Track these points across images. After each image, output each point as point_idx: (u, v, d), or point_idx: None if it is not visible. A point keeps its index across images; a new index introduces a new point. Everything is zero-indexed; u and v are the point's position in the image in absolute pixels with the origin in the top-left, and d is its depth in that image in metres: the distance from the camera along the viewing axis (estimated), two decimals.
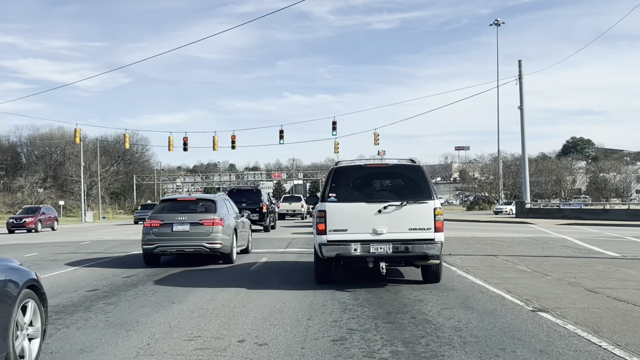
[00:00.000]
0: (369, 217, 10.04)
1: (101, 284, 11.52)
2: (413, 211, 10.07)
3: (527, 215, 47.93)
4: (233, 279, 11.86)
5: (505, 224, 39.87)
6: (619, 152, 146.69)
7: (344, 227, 10.10)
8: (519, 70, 49.23)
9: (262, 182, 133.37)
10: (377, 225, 10.01)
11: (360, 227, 10.05)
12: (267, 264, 14.74)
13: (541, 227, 32.81)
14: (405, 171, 10.81)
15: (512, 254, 16.27)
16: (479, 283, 10.85)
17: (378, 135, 53.21)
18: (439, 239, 10.02)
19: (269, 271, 13.32)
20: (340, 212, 10.16)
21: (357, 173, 11.04)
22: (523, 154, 49.96)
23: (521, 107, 48.93)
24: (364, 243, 9.97)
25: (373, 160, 12.09)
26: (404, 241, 9.92)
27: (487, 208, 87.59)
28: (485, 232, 28.21)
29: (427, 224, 10.02)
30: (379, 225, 10.01)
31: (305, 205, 49.72)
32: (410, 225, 10.03)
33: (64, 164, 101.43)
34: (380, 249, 9.93)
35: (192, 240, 14.43)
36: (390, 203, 10.09)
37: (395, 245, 9.90)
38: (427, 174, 10.77)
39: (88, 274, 13.31)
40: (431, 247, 9.93)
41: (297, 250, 18.09)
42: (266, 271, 13.31)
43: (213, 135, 45.93)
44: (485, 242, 20.97)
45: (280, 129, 45.86)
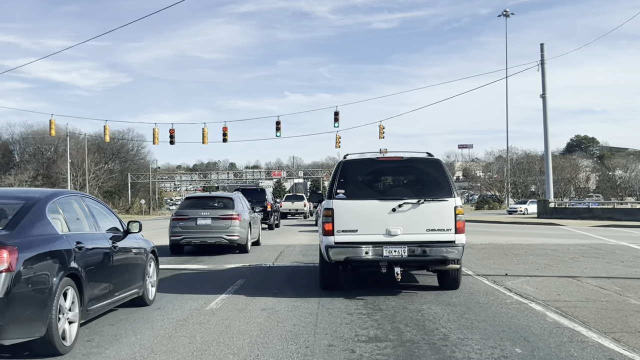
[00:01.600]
0: (382, 216, 9.20)
1: None
2: (431, 210, 9.23)
3: (551, 215, 43.55)
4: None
5: (531, 225, 35.56)
6: (624, 150, 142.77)
7: (353, 227, 9.24)
8: (541, 54, 44.63)
9: (262, 181, 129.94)
10: (390, 225, 9.19)
11: (372, 227, 9.20)
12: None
13: (577, 230, 28.62)
14: (423, 165, 9.84)
15: (593, 274, 11.81)
16: (618, 350, 6.27)
17: (383, 127, 49.06)
18: (460, 241, 9.18)
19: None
20: (349, 211, 9.28)
21: (369, 167, 10.06)
22: (546, 147, 45.49)
23: (544, 95, 44.39)
24: (376, 245, 9.14)
25: (386, 153, 10.51)
26: (421, 243, 9.11)
27: (497, 207, 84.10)
28: (517, 236, 23.87)
29: (447, 225, 9.17)
30: (393, 225, 9.18)
31: (307, 204, 49.82)
32: (428, 225, 9.18)
33: (56, 162, 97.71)
34: (395, 252, 9.09)
35: (213, 233, 16.52)
36: (406, 201, 9.23)
37: (411, 248, 9.09)
38: (447, 168, 9.87)
39: None
40: (451, 251, 9.06)
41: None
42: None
43: (202, 127, 41.55)
44: (535, 251, 16.59)
45: (276, 120, 41.50)
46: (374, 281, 10.71)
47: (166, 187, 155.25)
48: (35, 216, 6.40)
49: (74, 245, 6.61)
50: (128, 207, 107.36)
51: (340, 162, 9.94)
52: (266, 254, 16.53)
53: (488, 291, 9.60)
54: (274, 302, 8.85)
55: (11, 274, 5.52)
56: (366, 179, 9.96)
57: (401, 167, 10.04)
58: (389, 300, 8.95)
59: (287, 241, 21.20)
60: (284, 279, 11.52)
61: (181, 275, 12.38)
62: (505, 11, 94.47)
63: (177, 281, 11.39)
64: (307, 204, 50.49)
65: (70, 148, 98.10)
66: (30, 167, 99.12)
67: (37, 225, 6.30)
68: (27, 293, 5.70)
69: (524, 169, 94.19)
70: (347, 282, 10.45)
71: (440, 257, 9.05)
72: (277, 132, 42.76)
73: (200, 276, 12.23)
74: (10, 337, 5.59)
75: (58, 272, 6.10)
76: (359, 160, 10.09)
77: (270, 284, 10.80)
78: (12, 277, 5.52)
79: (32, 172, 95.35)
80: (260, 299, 9.13)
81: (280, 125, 42.89)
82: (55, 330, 5.92)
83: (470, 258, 14.65)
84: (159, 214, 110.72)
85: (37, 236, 6.19)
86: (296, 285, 10.60)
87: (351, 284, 10.48)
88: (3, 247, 5.56)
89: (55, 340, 5.94)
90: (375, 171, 10.10)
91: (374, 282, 10.68)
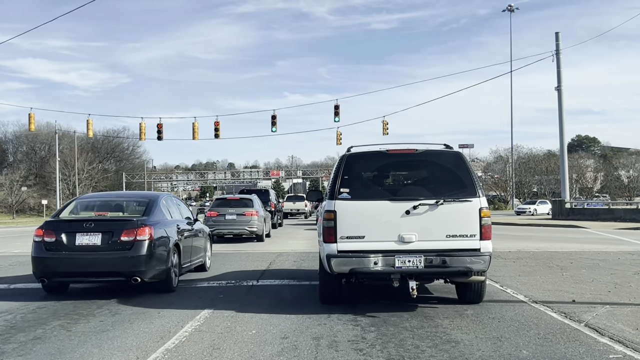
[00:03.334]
0: (394, 220, 7.72)
1: None
2: (452, 212, 7.71)
3: (567, 216, 40.52)
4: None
5: (551, 227, 32.48)
6: (626, 150, 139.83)
7: (360, 233, 7.75)
8: (556, 44, 41.60)
9: (260, 181, 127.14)
10: (404, 231, 7.70)
11: (382, 233, 7.71)
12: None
13: (605, 233, 25.70)
14: (441, 159, 8.30)
15: None
16: None
17: (387, 123, 46.17)
18: (487, 249, 7.65)
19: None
20: (355, 214, 7.79)
21: (377, 162, 8.40)
22: (561, 144, 42.40)
23: (559, 87, 41.31)
24: (387, 254, 7.61)
25: (397, 145, 8.67)
26: (441, 252, 7.58)
27: (503, 207, 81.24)
28: (544, 241, 20.84)
29: (472, 230, 7.66)
30: (406, 230, 7.70)
31: (308, 204, 50.26)
32: (449, 231, 7.69)
33: (49, 161, 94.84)
34: (409, 262, 7.56)
35: (238, 225, 21.26)
36: (422, 201, 7.73)
37: (428, 257, 7.55)
38: (469, 162, 8.30)
39: None
40: (477, 261, 7.51)
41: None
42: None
43: (193, 122, 38.43)
44: (582, 262, 13.53)
45: (272, 115, 38.43)
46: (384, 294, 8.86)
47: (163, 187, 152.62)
48: (156, 208, 10.36)
49: (175, 226, 10.68)
50: None
51: (344, 155, 8.37)
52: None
53: (566, 334, 6.55)
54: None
55: (151, 241, 9.45)
56: (374, 176, 8.46)
57: (415, 162, 8.47)
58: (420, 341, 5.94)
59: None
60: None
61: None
62: (510, 6, 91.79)
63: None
64: (307, 204, 51.02)
65: (63, 147, 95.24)
66: (22, 167, 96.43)
67: (158, 214, 10.30)
68: (157, 252, 9.60)
69: (530, 168, 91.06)
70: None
71: (464, 269, 7.57)
72: (272, 127, 39.74)
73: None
74: (150, 278, 9.48)
75: (171, 241, 10.11)
76: (365, 153, 8.49)
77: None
78: (151, 243, 9.44)
79: (24, 172, 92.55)
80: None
81: (275, 120, 39.86)
82: (170, 275, 9.91)
83: (509, 273, 11.60)
84: None
85: (160, 220, 10.18)
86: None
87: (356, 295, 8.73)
88: (146, 226, 9.48)
89: (170, 281, 9.95)
90: (385, 166, 8.47)
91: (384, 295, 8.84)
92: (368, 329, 6.85)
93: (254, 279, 11.28)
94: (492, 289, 9.70)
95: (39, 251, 9.48)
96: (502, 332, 6.59)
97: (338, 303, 8.41)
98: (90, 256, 9.26)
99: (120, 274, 9.32)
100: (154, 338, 6.59)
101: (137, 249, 9.27)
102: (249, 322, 7.31)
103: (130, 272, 9.26)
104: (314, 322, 7.25)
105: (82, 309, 8.38)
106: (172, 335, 6.68)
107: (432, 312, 7.74)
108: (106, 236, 9.31)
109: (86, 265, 9.26)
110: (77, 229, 9.39)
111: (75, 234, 9.33)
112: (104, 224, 9.58)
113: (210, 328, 7.04)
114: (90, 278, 9.66)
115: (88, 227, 9.40)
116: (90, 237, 9.31)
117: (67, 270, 9.33)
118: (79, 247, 9.28)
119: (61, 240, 9.33)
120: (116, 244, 9.29)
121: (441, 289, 9.58)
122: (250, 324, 7.20)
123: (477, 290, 8.27)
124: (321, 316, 7.57)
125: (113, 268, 9.28)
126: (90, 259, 9.25)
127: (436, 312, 7.72)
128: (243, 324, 7.19)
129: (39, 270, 9.46)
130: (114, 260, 9.26)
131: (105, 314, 7.98)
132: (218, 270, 12.67)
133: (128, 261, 9.22)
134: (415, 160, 8.43)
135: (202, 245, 12.28)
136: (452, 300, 8.65)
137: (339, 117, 41.06)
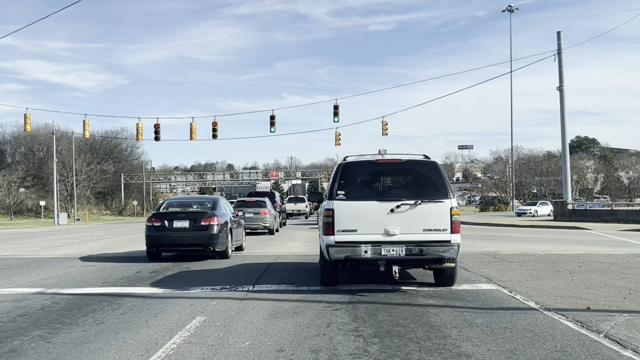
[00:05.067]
0: (381, 216, 9.34)
1: None
2: (428, 211, 9.37)
3: (570, 217, 40.09)
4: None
5: (553, 229, 31.99)
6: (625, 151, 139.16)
7: (353, 227, 9.39)
8: (557, 43, 41.05)
9: (259, 182, 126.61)
10: (389, 225, 9.32)
11: (371, 227, 9.34)
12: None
13: (610, 235, 25.27)
14: (420, 167, 9.95)
15: None
16: None
17: (386, 123, 45.75)
18: (456, 240, 9.33)
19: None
20: (349, 211, 9.44)
21: (368, 169, 10.20)
22: (563, 144, 41.86)
23: (561, 87, 40.81)
24: (375, 245, 9.26)
25: (385, 156, 10.57)
26: (418, 243, 9.25)
27: (503, 209, 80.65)
28: (548, 243, 20.38)
29: (443, 225, 9.31)
30: (391, 225, 9.32)
31: (308, 205, 53.62)
32: (425, 225, 9.33)
33: (47, 162, 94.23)
34: (393, 251, 9.20)
35: (255, 222, 26.48)
36: (404, 202, 9.38)
37: (408, 247, 9.21)
38: (443, 170, 9.96)
39: None
40: (448, 250, 9.23)
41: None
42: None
43: (190, 123, 37.89)
44: (590, 265, 13.04)
45: (271, 115, 37.92)
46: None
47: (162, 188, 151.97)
48: (219, 205, 15.91)
49: (229, 217, 16.01)
50: (121, 209, 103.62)
51: (340, 164, 9.98)
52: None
53: (586, 346, 6.03)
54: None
55: (218, 225, 14.91)
56: (365, 181, 10.03)
57: (399, 169, 10.15)
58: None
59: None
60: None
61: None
62: (510, 6, 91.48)
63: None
64: (308, 205, 53.83)
65: (62, 148, 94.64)
66: (20, 168, 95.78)
67: (220, 209, 15.69)
68: (221, 233, 15.02)
69: (530, 169, 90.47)
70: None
71: (437, 256, 9.21)
72: (271, 127, 39.27)
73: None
74: (218, 248, 14.87)
75: (227, 226, 15.48)
76: (358, 162, 10.17)
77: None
78: (217, 226, 14.89)
79: (22, 173, 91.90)
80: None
81: (274, 120, 39.39)
82: (228, 248, 15.34)
83: (517, 278, 11.10)
84: None
85: (222, 213, 15.57)
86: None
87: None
88: (215, 216, 15.01)
89: (228, 252, 15.34)
90: (374, 173, 10.22)
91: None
92: (371, 340, 6.34)
93: (250, 283, 10.77)
94: (501, 295, 9.21)
95: (151, 231, 15.03)
96: (516, 344, 6.09)
97: (337, 285, 10.02)
98: (182, 234, 14.95)
99: (200, 245, 14.85)
100: (139, 351, 6.08)
101: (210, 230, 14.88)
102: (243, 333, 6.80)
103: (207, 244, 14.83)
104: (313, 332, 6.75)
105: (66, 317, 7.87)
106: (159, 348, 6.17)
107: (439, 322, 7.23)
108: (192, 222, 14.98)
109: (179, 240, 15.01)
110: (174, 218, 15.10)
111: (173, 220, 15.01)
112: (190, 214, 15.41)
113: (201, 339, 6.53)
114: (182, 248, 15.35)
115: (180, 216, 15.15)
116: (182, 223, 14.98)
117: (168, 242, 15.07)
118: (175, 229, 14.93)
119: (164, 224, 14.98)
120: (198, 227, 14.90)
121: (420, 275, 11.50)
122: (244, 335, 6.69)
123: (449, 274, 9.92)
124: (320, 325, 7.07)
125: (196, 242, 14.88)
126: (182, 236, 14.97)
127: (443, 322, 7.22)
128: (236, 335, 6.68)
129: (150, 243, 15.02)
130: (197, 237, 14.86)
131: (90, 323, 7.46)
132: (215, 274, 12.17)
133: (205, 237, 14.83)
134: (399, 168, 10.09)
135: (242, 233, 18.00)
136: (430, 284, 10.37)
137: (338, 117, 40.64)
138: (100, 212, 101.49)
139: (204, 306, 8.49)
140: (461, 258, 14.73)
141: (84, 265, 14.44)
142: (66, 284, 11.03)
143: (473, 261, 14.11)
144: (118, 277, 12.00)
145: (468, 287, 9.94)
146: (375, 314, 7.75)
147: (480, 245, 18.99)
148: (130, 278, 11.80)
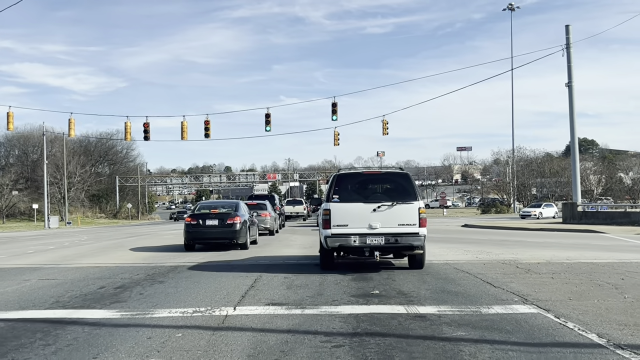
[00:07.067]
0: (366, 214, 11.98)
1: None
2: (402, 210, 12.05)
3: (580, 220, 38.19)
4: None
5: (567, 232, 30.06)
6: (625, 153, 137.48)
7: (345, 222, 12.02)
8: (566, 37, 39.16)
9: (256, 184, 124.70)
10: (372, 221, 11.95)
11: (359, 223, 11.98)
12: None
13: (630, 239, 23.35)
14: (396, 177, 12.76)
15: None
16: None
17: (387, 123, 44.01)
18: (423, 232, 11.99)
19: None
20: (342, 211, 12.09)
21: (356, 178, 12.99)
22: (572, 144, 39.97)
23: (570, 84, 38.95)
24: (361, 236, 11.92)
25: (369, 168, 14.07)
26: (394, 234, 11.90)
27: (505, 211, 78.84)
28: (568, 249, 18.45)
29: (413, 221, 11.99)
30: (374, 221, 11.95)
31: (306, 208, 56.01)
32: (400, 221, 11.99)
33: (40, 165, 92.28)
34: (375, 240, 11.89)
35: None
36: (383, 203, 12.07)
37: (387, 237, 11.88)
38: (413, 179, 12.81)
39: None
40: (416, 239, 11.95)
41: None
42: None
43: (182, 122, 35.99)
44: (634, 279, 11.11)
45: (266, 113, 36.00)
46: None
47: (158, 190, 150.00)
48: (240, 207, 20.34)
49: (248, 217, 20.14)
50: (115, 212, 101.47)
51: (335, 174, 12.90)
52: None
53: None
54: None
55: (240, 223, 18.90)
56: (355, 187, 12.66)
57: (380, 178, 13.11)
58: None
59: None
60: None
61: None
62: (511, 4, 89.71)
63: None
64: (306, 208, 55.59)
65: (55, 150, 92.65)
66: (13, 170, 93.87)
67: (240, 210, 19.98)
68: (242, 229, 18.99)
69: (532, 170, 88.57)
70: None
71: (408, 244, 11.97)
72: (266, 126, 37.41)
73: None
74: (240, 242, 18.92)
75: (247, 224, 19.49)
76: (349, 173, 13.05)
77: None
78: (240, 224, 18.88)
79: (15, 175, 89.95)
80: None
81: (270, 119, 37.51)
82: (247, 242, 19.41)
83: (556, 296, 9.13)
84: (148, 218, 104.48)
85: (242, 214, 19.70)
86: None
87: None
88: (237, 216, 19.13)
89: (247, 244, 19.37)
90: (361, 181, 12.90)
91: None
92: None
93: (231, 303, 8.78)
94: (547, 322, 7.23)
95: (188, 228, 18.84)
96: None
97: (334, 269, 12.61)
98: (213, 230, 18.73)
99: (227, 238, 18.67)
100: None
101: (234, 227, 18.66)
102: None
103: (231, 238, 18.64)
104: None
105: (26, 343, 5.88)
106: None
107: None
108: (220, 221, 18.74)
109: (210, 235, 18.83)
110: (206, 217, 18.92)
111: (205, 219, 18.82)
112: (219, 215, 19.04)
113: None
114: (212, 241, 19.04)
115: (211, 216, 18.93)
116: (213, 221, 18.78)
117: (201, 237, 18.96)
118: (207, 226, 18.74)
119: (198, 222, 18.81)
120: (225, 224, 18.69)
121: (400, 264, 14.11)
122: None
123: (419, 259, 12.68)
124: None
125: (223, 236, 18.68)
126: (213, 232, 18.74)
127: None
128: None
129: (187, 238, 18.86)
130: (224, 232, 18.64)
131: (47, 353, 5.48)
132: (191, 290, 10.19)
133: (231, 233, 18.62)
134: (380, 178, 13.11)
135: (256, 229, 21.86)
136: (404, 267, 13.07)
137: (337, 115, 38.79)
138: (95, 215, 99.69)
139: (164, 340, 6.49)
140: (480, 269, 12.79)
141: (42, 278, 12.39)
142: (7, 305, 9.03)
143: (495, 272, 12.15)
144: (74, 294, 9.99)
145: (502, 311, 7.95)
146: (389, 353, 5.79)
147: (495, 252, 17.05)
148: (89, 296, 9.79)
